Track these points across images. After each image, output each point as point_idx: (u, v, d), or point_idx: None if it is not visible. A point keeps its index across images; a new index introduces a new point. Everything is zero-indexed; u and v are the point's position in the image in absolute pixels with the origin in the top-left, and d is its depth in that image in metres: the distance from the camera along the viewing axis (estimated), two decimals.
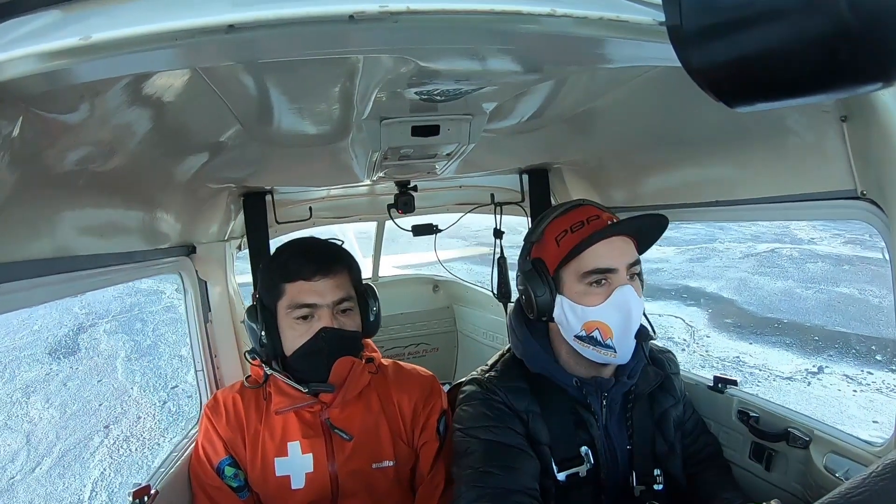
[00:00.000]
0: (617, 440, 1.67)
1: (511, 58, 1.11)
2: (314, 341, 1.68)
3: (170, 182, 1.78)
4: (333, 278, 1.71)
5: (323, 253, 1.76)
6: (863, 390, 7.47)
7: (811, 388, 7.63)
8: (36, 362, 9.02)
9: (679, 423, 1.78)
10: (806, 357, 8.49)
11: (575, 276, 1.55)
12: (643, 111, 1.70)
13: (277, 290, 1.71)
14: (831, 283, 11.19)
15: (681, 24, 0.62)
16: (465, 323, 4.24)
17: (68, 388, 8.24)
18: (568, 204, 1.65)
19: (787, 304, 10.57)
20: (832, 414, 6.84)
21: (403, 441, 1.82)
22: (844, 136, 1.24)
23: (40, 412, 7.57)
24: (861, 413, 6.87)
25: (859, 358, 8.29)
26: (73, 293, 1.51)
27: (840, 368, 8.08)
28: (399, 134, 1.54)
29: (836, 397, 7.35)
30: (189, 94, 1.20)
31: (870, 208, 1.29)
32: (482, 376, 1.74)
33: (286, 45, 0.82)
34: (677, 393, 1.79)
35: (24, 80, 0.72)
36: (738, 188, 1.72)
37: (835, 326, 9.38)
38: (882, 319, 9.24)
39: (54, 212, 1.26)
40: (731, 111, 0.69)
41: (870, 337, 8.82)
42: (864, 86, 0.58)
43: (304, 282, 1.68)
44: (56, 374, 8.69)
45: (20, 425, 7.27)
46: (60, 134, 1.08)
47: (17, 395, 8.02)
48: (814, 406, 7.15)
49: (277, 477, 1.72)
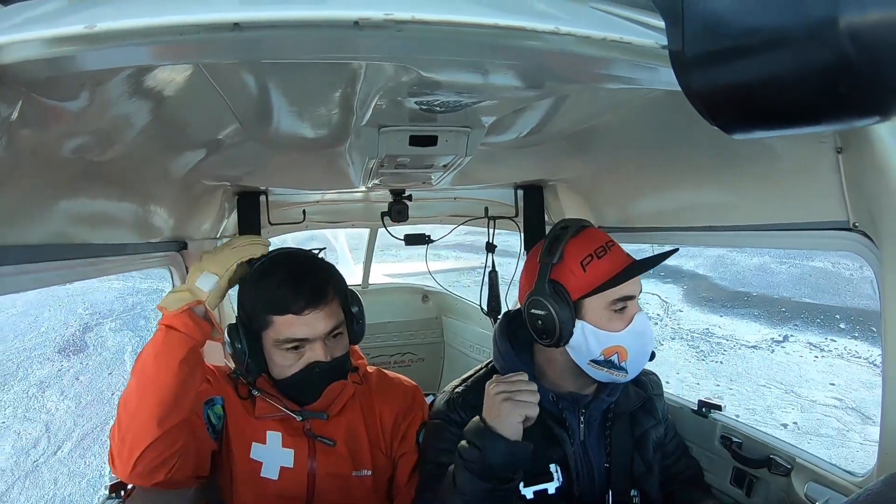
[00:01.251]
0: (595, 457, 1.67)
1: (513, 73, 1.11)
2: (306, 373, 1.63)
3: (165, 176, 1.78)
4: (324, 308, 1.62)
5: (312, 282, 1.65)
6: (824, 356, 8.17)
7: (774, 355, 8.36)
8: (47, 361, 9.43)
9: (659, 444, 1.77)
10: (772, 327, 9.25)
11: (602, 303, 1.55)
12: (641, 132, 1.71)
13: (263, 319, 1.62)
14: (806, 258, 11.53)
15: (683, 49, 0.63)
16: (452, 335, 4.23)
17: (81, 381, 8.78)
18: (575, 223, 1.64)
19: (760, 278, 11.17)
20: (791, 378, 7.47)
21: (382, 451, 1.81)
22: (839, 167, 1.25)
23: (56, 404, 8.10)
24: (819, 377, 7.56)
25: (824, 327, 9.02)
26: (63, 281, 1.50)
27: (804, 337, 8.85)
28: (397, 142, 1.54)
29: (797, 363, 8.06)
30: (190, 90, 1.20)
31: (861, 240, 1.30)
32: (452, 392, 1.74)
33: (290, 46, 0.83)
34: (659, 414, 1.79)
35: (27, 64, 0.72)
36: (730, 214, 1.73)
37: (802, 298, 10.13)
38: (849, 290, 9.95)
39: (48, 198, 1.25)
40: (728, 137, 0.69)
41: (835, 307, 9.52)
42: (862, 119, 0.59)
43: (293, 316, 1.59)
44: (67, 370, 9.17)
45: (39, 416, 7.78)
46: (59, 121, 1.08)
47: (33, 391, 8.48)
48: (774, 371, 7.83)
49: (250, 458, 1.68)
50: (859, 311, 9.21)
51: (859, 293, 9.80)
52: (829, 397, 7.09)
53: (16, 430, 7.48)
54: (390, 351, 4.14)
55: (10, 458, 6.80)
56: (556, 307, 1.54)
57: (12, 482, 6.30)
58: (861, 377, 7.58)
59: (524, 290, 1.67)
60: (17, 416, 7.87)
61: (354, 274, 4.46)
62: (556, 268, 1.58)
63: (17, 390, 8.56)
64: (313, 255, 1.80)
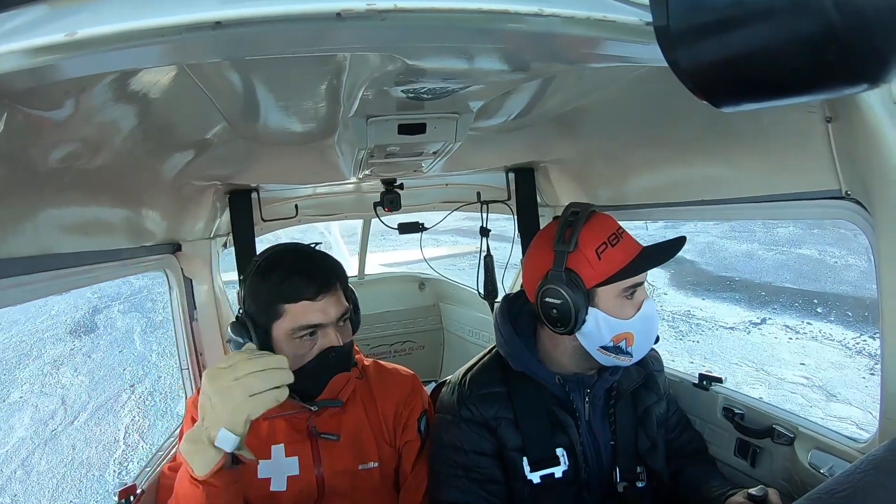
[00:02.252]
0: (600, 437, 1.69)
1: (498, 57, 1.11)
2: (322, 360, 1.63)
3: (155, 179, 1.77)
4: (334, 293, 1.64)
5: (320, 269, 1.67)
6: (798, 338, 8.48)
7: (750, 336, 8.70)
8: (59, 341, 10.04)
9: (662, 419, 1.79)
10: (752, 310, 9.60)
11: (616, 291, 1.55)
12: (630, 110, 1.71)
13: (275, 309, 1.61)
14: (795, 245, 11.95)
15: (668, 25, 0.62)
16: (451, 321, 4.25)
17: (93, 358, 9.41)
18: (585, 209, 1.61)
19: (745, 264, 11.56)
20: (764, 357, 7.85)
21: (386, 442, 1.82)
22: (829, 136, 1.25)
23: (71, 379, 8.72)
24: (791, 357, 7.87)
25: (801, 310, 9.33)
26: (57, 291, 1.49)
27: (782, 319, 9.15)
28: (385, 132, 1.54)
29: (770, 343, 8.37)
30: (175, 91, 1.19)
31: (854, 208, 1.30)
32: (459, 384, 1.76)
33: (273, 42, 0.82)
34: (660, 390, 1.81)
35: (9, 76, 0.72)
36: (723, 187, 1.73)
37: (783, 283, 10.45)
38: (831, 277, 10.28)
39: (38, 209, 1.25)
40: (718, 111, 0.69)
41: (814, 292, 9.84)
42: (851, 87, 0.59)
43: (308, 302, 1.60)
44: (79, 349, 9.81)
45: (54, 391, 8.39)
46: (45, 131, 1.07)
47: (48, 368, 9.10)
48: (748, 350, 8.17)
49: (258, 479, 1.69)
50: (837, 297, 9.54)
51: (840, 279, 10.15)
52: (797, 375, 7.36)
53: (34, 404, 8.04)
54: (390, 340, 4.16)
55: (30, 427, 7.39)
56: (573, 296, 1.54)
57: (33, 448, 6.91)
58: (832, 358, 7.82)
59: (533, 277, 1.65)
60: (34, 392, 8.44)
61: (350, 265, 4.46)
62: (570, 256, 1.56)
63: (33, 368, 9.14)
64: (311, 247, 1.80)
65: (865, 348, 7.83)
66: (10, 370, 9.12)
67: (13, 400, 8.21)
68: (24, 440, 7.11)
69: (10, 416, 7.71)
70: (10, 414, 7.76)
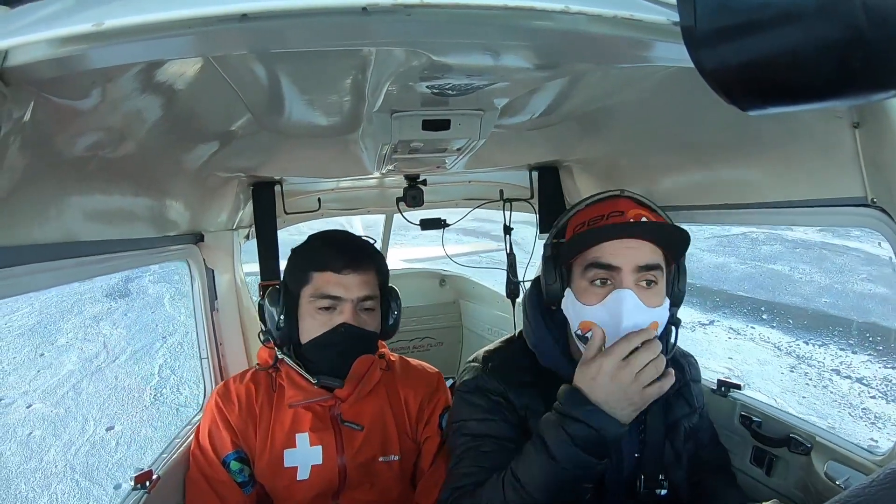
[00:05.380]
0: (626, 443, 1.58)
1: (523, 54, 1.10)
2: (331, 335, 1.68)
3: (179, 170, 1.79)
4: (362, 274, 1.70)
5: (355, 247, 1.76)
6: (738, 338, 9.61)
7: (694, 334, 9.62)
8: (97, 302, 11.22)
9: (691, 433, 1.68)
10: (703, 313, 10.64)
11: (580, 269, 1.47)
12: (655, 111, 1.69)
13: (304, 276, 1.71)
14: (769, 261, 12.72)
15: (695, 25, 0.62)
16: (470, 318, 4.23)
17: (128, 316, 10.69)
18: (604, 193, 1.57)
19: (712, 273, 12.46)
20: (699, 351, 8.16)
21: (408, 436, 1.83)
22: (856, 142, 1.23)
23: (110, 331, 10.06)
24: (723, 352, 9.00)
25: (748, 316, 10.41)
26: (80, 279, 1.51)
27: (728, 322, 10.25)
28: (409, 127, 1.54)
29: (710, 341, 9.46)
30: (200, 83, 1.20)
31: (879, 216, 1.28)
32: (481, 360, 1.67)
33: (299, 35, 0.82)
34: (694, 402, 1.69)
35: (37, 64, 0.73)
36: (747, 192, 1.70)
37: (737, 291, 11.49)
38: (787, 288, 11.23)
39: (63, 197, 1.26)
40: (743, 114, 0.68)
41: (765, 301, 10.84)
42: (877, 93, 0.58)
43: (332, 273, 1.68)
44: (116, 308, 11.05)
45: (96, 338, 9.76)
46: (71, 119, 1.09)
47: (89, 322, 10.39)
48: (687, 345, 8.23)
49: (285, 468, 1.72)
50: (784, 306, 10.44)
51: (795, 293, 11.02)
52: (721, 367, 8.31)
53: (79, 347, 9.40)
54: (409, 336, 4.15)
55: (77, 364, 8.81)
56: (547, 269, 1.53)
57: (81, 378, 8.35)
58: (759, 356, 8.85)
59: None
60: (78, 338, 9.75)
61: None
62: (558, 232, 1.58)
63: (75, 321, 10.35)
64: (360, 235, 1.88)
65: (795, 351, 8.92)
66: (56, 321, 10.27)
67: (60, 344, 9.48)
68: (73, 372, 8.50)
69: (59, 354, 9.09)
70: (60, 353, 9.14)
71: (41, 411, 7.50)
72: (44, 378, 8.37)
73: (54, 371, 8.56)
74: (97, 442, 6.88)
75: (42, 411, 7.50)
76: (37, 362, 8.90)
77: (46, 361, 8.92)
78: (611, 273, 1.43)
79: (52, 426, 7.17)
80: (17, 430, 7.07)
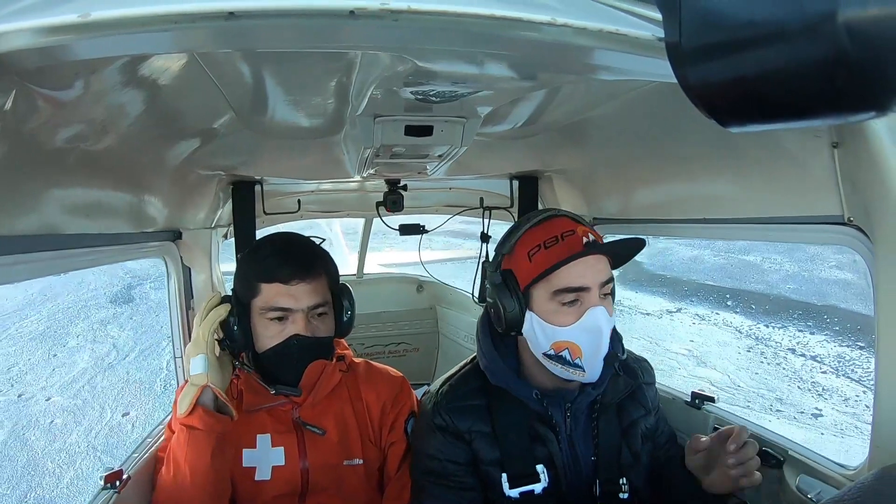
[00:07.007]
0: (581, 451, 1.64)
1: (508, 64, 1.11)
2: (285, 346, 1.66)
3: (160, 166, 1.77)
4: (311, 282, 1.67)
5: (302, 255, 1.71)
6: (702, 324, 10.27)
7: (661, 321, 10.42)
8: (102, 307, 11.82)
9: (648, 434, 1.73)
10: (672, 301, 11.44)
11: (546, 294, 1.50)
12: (636, 124, 1.71)
13: (253, 287, 1.67)
14: (743, 252, 13.32)
15: (679, 42, 0.63)
16: (447, 325, 4.23)
17: (134, 319, 11.21)
18: (541, 214, 1.59)
19: (683, 265, 13.17)
20: (662, 335, 9.82)
21: (371, 441, 1.82)
22: (835, 161, 1.25)
23: (118, 332, 10.60)
24: (686, 336, 9.68)
25: (714, 303, 11.12)
26: (57, 271, 1.50)
27: (695, 309, 10.99)
28: (392, 132, 1.54)
29: (675, 327, 10.15)
30: (184, 79, 1.19)
31: (856, 234, 1.30)
32: (436, 394, 1.72)
33: (285, 35, 0.82)
34: (648, 403, 1.74)
35: (20, 53, 0.72)
36: (726, 206, 1.73)
37: (705, 281, 12.29)
38: (754, 278, 12.05)
39: (42, 189, 1.25)
40: (723, 130, 0.69)
41: (730, 289, 11.60)
42: (858, 113, 0.59)
43: (280, 284, 1.65)
44: (121, 313, 11.58)
45: (105, 339, 10.32)
46: (53, 110, 1.07)
47: (96, 325, 10.94)
48: (652, 330, 10.07)
49: (243, 468, 1.70)
50: (749, 293, 11.27)
51: (761, 280, 11.84)
52: (682, 349, 9.10)
53: (90, 348, 9.92)
54: (384, 341, 4.14)
55: (90, 362, 9.35)
56: (500, 295, 1.55)
57: (94, 374, 8.91)
58: (720, 338, 9.57)
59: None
60: (87, 340, 10.32)
61: (349, 263, 4.45)
62: (506, 257, 1.59)
63: (83, 325, 10.92)
64: (306, 237, 1.84)
65: (754, 333, 9.66)
66: (65, 325, 10.87)
67: (71, 346, 10.06)
68: (86, 369, 9.07)
69: (71, 355, 9.63)
70: (72, 353, 9.68)
71: (60, 403, 8.05)
72: (59, 375, 8.89)
73: (68, 369, 9.10)
74: (115, 426, 7.45)
75: (61, 403, 8.05)
76: (51, 362, 9.42)
77: (60, 361, 9.44)
78: (580, 293, 1.49)
79: (72, 415, 7.72)
80: (40, 419, 7.61)
